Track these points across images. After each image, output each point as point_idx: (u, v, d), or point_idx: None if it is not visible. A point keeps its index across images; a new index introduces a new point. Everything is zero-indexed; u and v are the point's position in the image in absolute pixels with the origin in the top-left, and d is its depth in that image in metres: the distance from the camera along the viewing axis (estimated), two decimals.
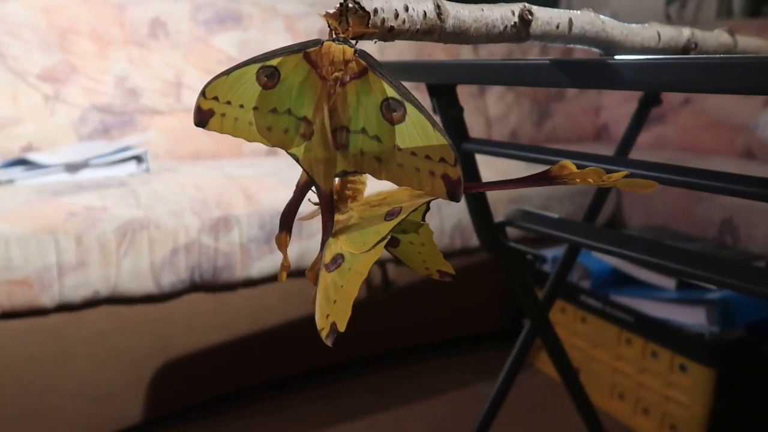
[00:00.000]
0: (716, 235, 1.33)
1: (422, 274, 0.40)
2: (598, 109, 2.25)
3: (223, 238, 1.05)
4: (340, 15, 0.32)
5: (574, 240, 0.59)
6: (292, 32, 1.68)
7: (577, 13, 0.44)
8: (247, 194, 1.10)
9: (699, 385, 1.05)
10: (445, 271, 0.39)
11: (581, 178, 0.28)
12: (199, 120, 0.35)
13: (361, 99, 0.32)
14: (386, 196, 0.35)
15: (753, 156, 1.72)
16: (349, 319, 0.32)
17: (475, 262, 1.34)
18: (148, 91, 1.50)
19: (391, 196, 0.35)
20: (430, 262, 0.39)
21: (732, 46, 0.58)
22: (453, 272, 0.39)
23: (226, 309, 1.11)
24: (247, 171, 1.26)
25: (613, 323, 1.20)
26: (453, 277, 0.39)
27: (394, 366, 1.36)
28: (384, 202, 0.34)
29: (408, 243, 0.38)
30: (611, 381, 1.21)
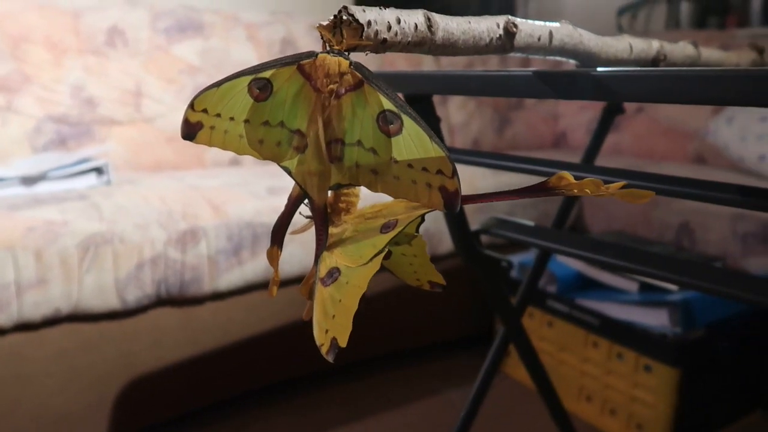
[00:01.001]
0: (674, 238, 1.38)
1: (413, 285, 0.40)
2: (557, 117, 2.30)
3: (190, 251, 1.03)
4: (334, 27, 0.31)
5: (552, 247, 0.60)
6: (254, 41, 1.67)
7: (556, 26, 0.45)
8: (214, 205, 1.08)
9: (663, 385, 1.08)
10: (436, 281, 0.39)
11: (579, 188, 0.29)
12: (187, 133, 0.34)
13: (357, 111, 0.32)
14: (381, 208, 0.35)
15: (704, 161, 1.80)
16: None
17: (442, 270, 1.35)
18: (106, 101, 1.46)
19: (386, 209, 0.34)
20: (421, 273, 0.39)
21: (696, 58, 0.61)
22: (444, 283, 0.39)
23: (194, 324, 1.08)
24: (211, 182, 1.24)
25: (580, 326, 1.22)
26: (444, 287, 0.39)
27: (363, 376, 1.36)
28: (379, 214, 0.34)
29: (400, 254, 0.38)
30: (579, 383, 1.23)
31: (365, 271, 0.32)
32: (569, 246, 0.61)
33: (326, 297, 0.32)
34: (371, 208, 0.35)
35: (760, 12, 2.12)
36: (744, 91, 0.28)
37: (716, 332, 1.11)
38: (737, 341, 1.17)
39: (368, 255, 0.32)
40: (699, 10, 2.33)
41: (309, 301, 0.35)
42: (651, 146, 1.92)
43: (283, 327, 1.17)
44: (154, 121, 1.51)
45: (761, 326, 1.21)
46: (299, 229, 0.36)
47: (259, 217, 1.09)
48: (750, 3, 2.14)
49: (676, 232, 1.37)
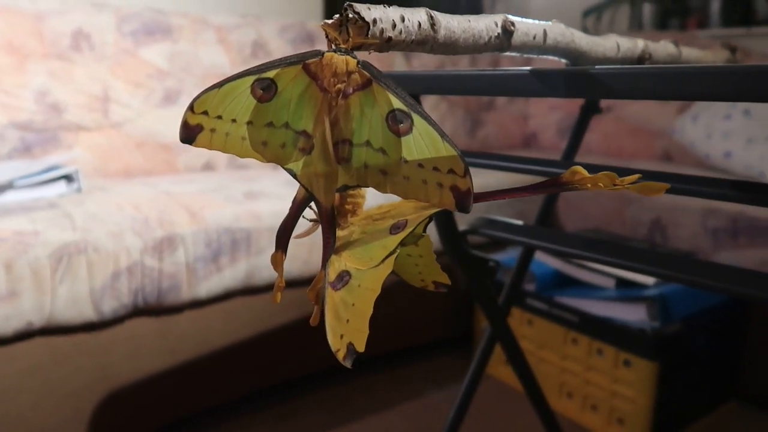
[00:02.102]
0: (647, 234, 1.41)
1: (417, 286, 0.39)
2: (527, 118, 2.33)
3: (167, 259, 1.00)
4: (340, 25, 0.31)
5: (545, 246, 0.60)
6: (224, 44, 1.64)
7: (549, 25, 0.45)
8: (191, 212, 1.06)
9: (643, 379, 1.10)
10: (441, 281, 0.39)
11: (593, 182, 0.28)
12: (186, 136, 0.32)
13: (365, 111, 0.31)
14: (389, 209, 0.34)
15: (671, 159, 1.84)
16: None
17: None
18: (73, 107, 1.41)
19: (395, 209, 0.34)
20: (426, 274, 0.38)
21: (678, 56, 0.62)
22: (449, 282, 0.39)
23: (172, 333, 1.05)
24: (186, 188, 1.22)
25: (559, 324, 1.24)
26: (449, 287, 0.39)
27: (345, 380, 1.35)
28: (387, 215, 0.34)
29: (405, 255, 0.37)
30: (559, 380, 1.25)
31: (377, 273, 0.31)
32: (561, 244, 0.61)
33: (338, 301, 0.31)
34: (378, 210, 0.35)
35: (719, 14, 2.19)
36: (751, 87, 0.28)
37: (691, 325, 1.14)
38: (711, 333, 1.20)
39: (379, 257, 0.31)
40: (661, 12, 2.39)
41: (316, 306, 0.34)
42: (619, 145, 1.96)
43: (264, 333, 1.15)
44: (123, 127, 1.48)
45: (733, 318, 1.24)
46: (303, 233, 0.35)
47: (238, 222, 1.07)
48: (709, 5, 2.21)
49: (649, 228, 1.40)
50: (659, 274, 0.55)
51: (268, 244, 1.10)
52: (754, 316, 1.25)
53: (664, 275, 0.55)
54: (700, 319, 1.16)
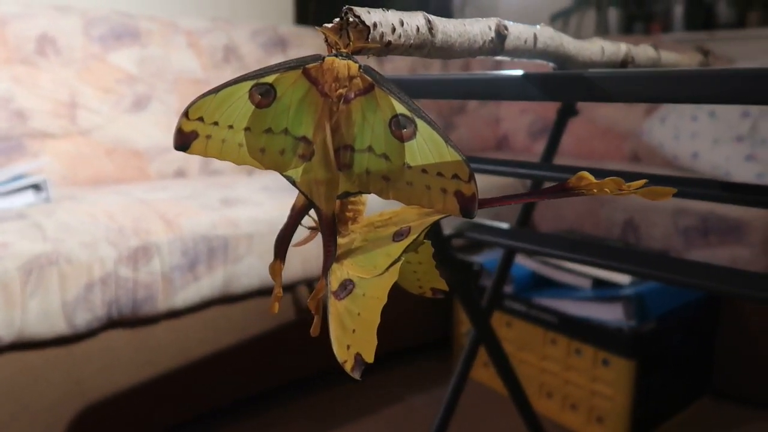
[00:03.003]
0: (620, 234, 1.43)
1: (414, 293, 0.39)
2: (498, 121, 2.35)
3: (143, 269, 0.98)
4: (340, 29, 0.30)
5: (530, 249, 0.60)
6: (195, 48, 1.62)
7: (539, 29, 0.45)
8: (166, 220, 1.03)
9: (621, 377, 1.11)
10: (439, 288, 0.38)
11: (599, 188, 0.28)
12: (181, 143, 0.31)
13: (367, 116, 0.30)
14: (391, 216, 0.34)
15: (639, 159, 1.88)
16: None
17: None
18: (39, 113, 1.37)
19: (397, 216, 0.33)
20: (425, 281, 0.38)
21: (657, 60, 0.63)
22: (447, 289, 0.38)
23: (148, 344, 1.03)
24: (159, 195, 1.19)
25: (538, 325, 1.25)
26: (446, 293, 0.39)
27: (326, 387, 1.33)
28: (389, 222, 0.33)
29: (405, 262, 0.37)
30: (539, 381, 1.26)
31: (382, 282, 0.30)
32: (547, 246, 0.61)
33: (342, 311, 0.30)
34: (379, 216, 0.34)
35: (682, 18, 2.24)
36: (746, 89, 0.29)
37: (666, 323, 1.16)
38: (685, 330, 1.23)
39: (383, 264, 0.31)
40: (626, 17, 2.45)
41: (316, 316, 0.33)
42: (590, 147, 2.00)
43: (243, 342, 1.13)
44: (91, 134, 1.44)
45: (705, 315, 1.27)
46: (301, 242, 0.35)
47: (215, 230, 1.05)
48: (672, 10, 2.27)
49: (622, 228, 1.43)
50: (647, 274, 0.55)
51: (246, 252, 1.08)
52: (724, 313, 1.28)
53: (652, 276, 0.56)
54: (674, 317, 1.18)
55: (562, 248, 0.60)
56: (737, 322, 1.26)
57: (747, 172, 1.45)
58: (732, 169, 1.48)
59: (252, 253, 1.09)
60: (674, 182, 0.51)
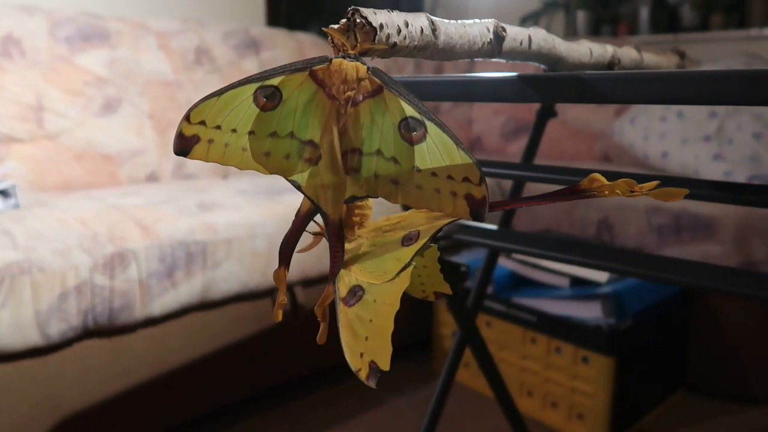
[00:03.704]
0: (595, 233, 1.45)
1: (417, 296, 0.38)
2: (471, 122, 2.37)
3: (119, 276, 0.95)
4: (347, 30, 0.30)
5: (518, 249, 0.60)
6: (166, 50, 1.59)
7: (533, 31, 0.45)
8: (143, 225, 1.01)
9: (601, 374, 1.13)
10: (442, 291, 0.38)
11: (610, 189, 0.28)
12: (181, 147, 0.30)
13: (376, 119, 0.30)
14: (399, 220, 0.33)
15: (609, 159, 1.91)
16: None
17: None
18: (3, 117, 1.33)
19: (405, 220, 0.33)
20: (428, 284, 0.38)
21: (640, 61, 0.64)
22: (450, 292, 0.38)
23: (125, 354, 1.00)
24: (134, 200, 1.16)
25: (518, 324, 1.26)
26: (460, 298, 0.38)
27: (307, 392, 1.32)
28: (397, 226, 0.33)
29: None
30: (520, 380, 1.27)
31: (393, 287, 0.30)
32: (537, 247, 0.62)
33: (352, 318, 0.30)
34: (387, 221, 0.34)
35: (648, 21, 2.30)
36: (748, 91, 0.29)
37: (642, 320, 1.18)
38: (660, 326, 1.25)
39: (393, 270, 0.30)
40: (593, 19, 2.49)
41: (323, 323, 0.32)
42: (562, 148, 2.02)
43: (222, 349, 1.11)
44: (60, 138, 1.40)
45: (679, 311, 1.30)
46: (306, 248, 0.34)
47: (193, 235, 1.03)
48: (638, 13, 2.32)
49: (597, 227, 1.45)
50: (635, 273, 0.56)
51: (225, 257, 1.06)
52: (697, 309, 1.31)
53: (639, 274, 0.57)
54: (650, 314, 1.21)
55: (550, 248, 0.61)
56: (709, 317, 1.29)
57: (715, 170, 1.49)
58: (701, 167, 1.52)
59: (231, 258, 1.07)
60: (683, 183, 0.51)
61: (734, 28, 2.06)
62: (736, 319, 1.26)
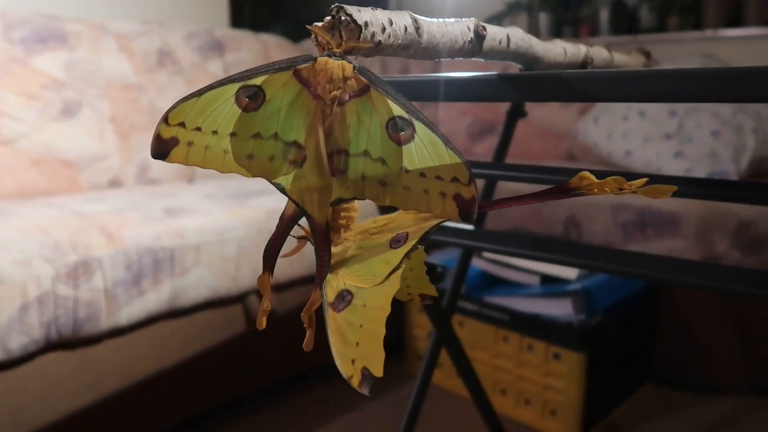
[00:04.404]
0: (563, 231, 1.47)
1: (402, 299, 0.38)
2: (437, 123, 2.38)
3: (83, 286, 0.92)
4: (332, 28, 0.29)
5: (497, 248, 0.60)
6: (127, 52, 1.54)
7: (510, 30, 0.45)
8: (107, 233, 0.98)
9: (572, 370, 1.15)
10: (428, 294, 0.37)
11: (599, 187, 0.28)
12: (159, 150, 0.29)
13: (363, 119, 0.29)
14: (386, 222, 0.32)
15: (574, 158, 1.95)
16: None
17: None
18: None
19: (392, 222, 0.32)
20: (414, 287, 0.37)
21: (611, 61, 0.65)
22: (436, 294, 0.37)
23: (91, 366, 0.97)
24: (96, 207, 1.13)
25: (490, 323, 1.26)
26: (435, 299, 0.38)
27: (279, 400, 1.30)
28: (385, 228, 0.32)
29: None
30: (493, 378, 1.27)
31: (383, 291, 0.29)
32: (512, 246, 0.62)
33: (342, 323, 0.29)
34: (373, 223, 0.33)
35: (608, 23, 2.34)
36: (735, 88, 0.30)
37: (611, 315, 1.20)
38: (628, 322, 1.28)
39: (382, 273, 0.30)
40: (555, 21, 2.53)
41: (309, 330, 0.32)
42: (528, 147, 2.05)
43: (192, 358, 1.09)
44: (16, 143, 1.34)
45: (645, 306, 1.33)
46: (290, 252, 0.33)
47: (160, 241, 1.01)
48: (599, 15, 2.37)
49: (564, 225, 1.47)
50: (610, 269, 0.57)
51: (194, 263, 1.03)
52: (662, 303, 1.34)
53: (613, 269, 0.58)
54: (618, 309, 1.23)
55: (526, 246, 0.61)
56: (674, 311, 1.33)
57: (676, 168, 1.52)
58: (663, 165, 1.56)
59: (200, 264, 1.04)
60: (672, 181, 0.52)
61: (690, 29, 2.12)
62: (699, 312, 1.29)
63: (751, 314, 1.28)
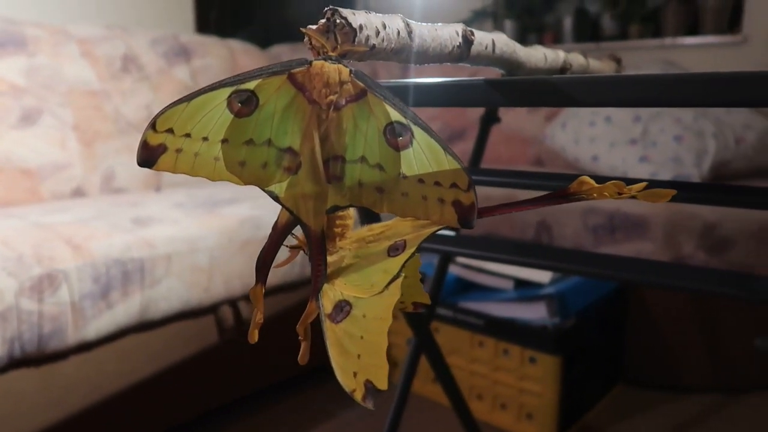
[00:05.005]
0: (534, 235, 1.49)
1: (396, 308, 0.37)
2: None
3: (48, 300, 0.88)
4: (327, 31, 0.28)
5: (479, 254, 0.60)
6: (90, 58, 1.50)
7: (495, 35, 0.45)
8: (73, 244, 0.94)
9: (548, 374, 1.15)
10: (421, 302, 0.37)
11: (599, 192, 0.28)
12: (146, 158, 0.28)
13: (359, 124, 0.28)
14: (383, 229, 0.32)
15: (542, 163, 1.97)
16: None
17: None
18: None
19: (389, 229, 0.32)
20: (407, 295, 0.36)
21: (587, 66, 0.65)
22: (429, 302, 0.37)
23: (57, 383, 0.93)
24: (60, 217, 1.09)
25: (465, 329, 1.26)
26: (428, 306, 0.37)
27: (250, 412, 1.27)
28: (381, 236, 0.31)
29: None
30: (469, 384, 1.27)
31: (383, 301, 0.28)
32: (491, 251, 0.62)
33: (341, 335, 0.28)
34: (369, 231, 0.32)
35: (571, 30, 2.39)
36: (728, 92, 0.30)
37: (584, 318, 1.22)
38: (600, 324, 1.30)
39: (380, 282, 0.29)
40: (520, 28, 2.57)
41: (304, 342, 0.31)
42: (496, 152, 2.07)
43: (162, 371, 1.06)
44: None
45: (616, 308, 1.35)
46: (283, 262, 0.32)
47: (129, 252, 0.98)
48: (563, 22, 2.41)
49: (536, 229, 1.48)
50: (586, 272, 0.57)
51: (164, 274, 1.01)
52: (631, 305, 1.36)
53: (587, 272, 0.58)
54: (591, 312, 1.25)
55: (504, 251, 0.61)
56: (643, 312, 1.35)
57: (642, 172, 1.56)
58: (628, 169, 1.59)
59: (171, 274, 1.02)
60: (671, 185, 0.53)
61: (650, 37, 2.18)
62: (668, 312, 1.32)
63: (717, 314, 1.31)
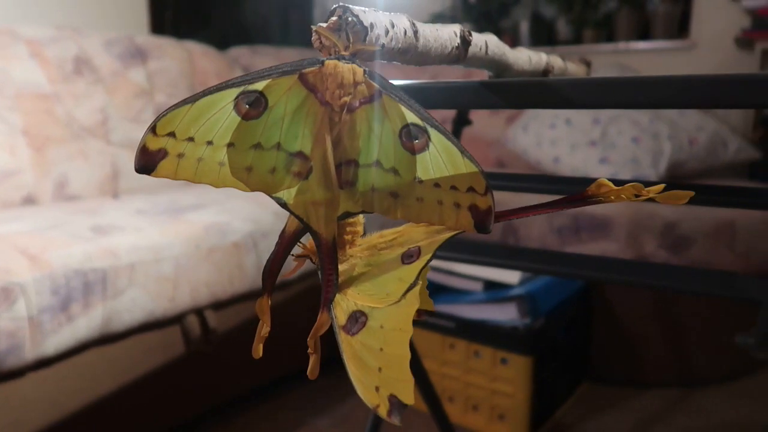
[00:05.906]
0: (500, 237, 1.50)
1: None
2: None
3: (4, 315, 0.83)
4: (338, 30, 0.27)
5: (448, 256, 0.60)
6: (39, 59, 1.43)
7: (487, 37, 0.45)
8: (30, 255, 0.89)
9: (519, 374, 1.16)
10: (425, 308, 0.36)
11: (617, 194, 0.28)
12: (145, 164, 0.26)
13: (374, 127, 0.27)
14: (395, 236, 0.31)
15: (504, 165, 2.00)
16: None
17: (290, 296, 1.29)
18: None
19: (402, 236, 0.30)
20: None
21: (565, 69, 0.66)
22: (433, 309, 0.36)
23: (14, 401, 0.88)
24: (13, 227, 1.03)
25: (436, 331, 1.26)
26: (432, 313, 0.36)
27: (220, 422, 1.24)
28: (394, 243, 0.30)
29: None
30: (440, 386, 1.27)
31: (401, 311, 0.27)
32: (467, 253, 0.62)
33: (358, 348, 0.27)
34: (381, 237, 0.31)
35: (528, 34, 2.43)
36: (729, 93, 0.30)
37: (553, 318, 1.23)
38: (567, 323, 1.31)
39: (396, 291, 0.28)
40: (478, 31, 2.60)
41: (314, 356, 0.29)
42: None
43: (126, 386, 1.01)
44: None
45: (582, 307, 1.37)
46: (290, 272, 0.30)
47: (90, 262, 0.93)
48: (519, 26, 2.45)
49: (502, 231, 1.50)
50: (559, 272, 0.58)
51: (128, 284, 0.96)
52: (596, 304, 1.39)
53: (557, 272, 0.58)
54: (559, 311, 1.26)
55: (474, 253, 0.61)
56: (606, 310, 1.38)
57: (602, 173, 1.59)
58: (589, 171, 1.63)
59: (135, 284, 0.98)
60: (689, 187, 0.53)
61: (604, 41, 2.23)
62: (630, 310, 1.35)
63: (678, 310, 1.35)
